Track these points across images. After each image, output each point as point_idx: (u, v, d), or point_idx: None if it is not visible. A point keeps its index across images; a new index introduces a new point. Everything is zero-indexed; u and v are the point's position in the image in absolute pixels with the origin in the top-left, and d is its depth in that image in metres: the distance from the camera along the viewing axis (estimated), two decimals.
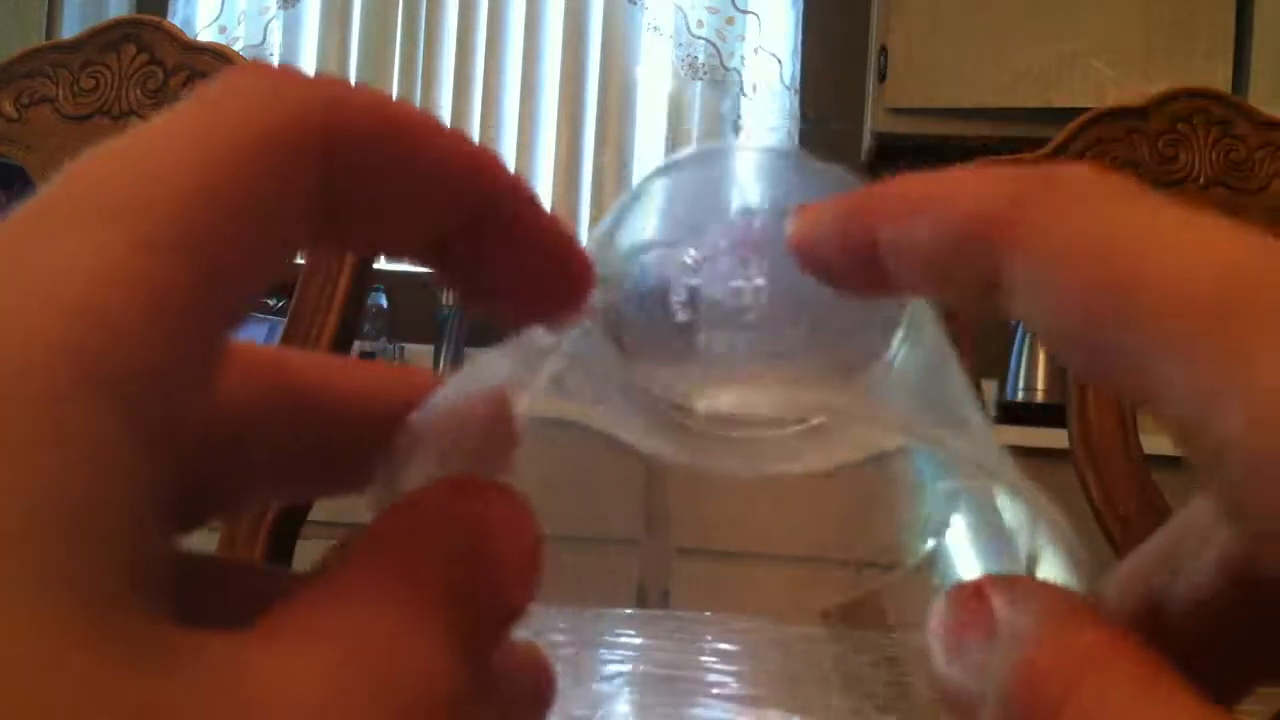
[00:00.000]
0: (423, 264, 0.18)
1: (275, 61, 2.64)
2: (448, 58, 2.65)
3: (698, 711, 0.24)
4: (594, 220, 2.60)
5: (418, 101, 2.64)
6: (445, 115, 2.63)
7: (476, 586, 0.15)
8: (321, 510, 0.98)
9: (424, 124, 0.16)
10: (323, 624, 0.13)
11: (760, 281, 0.20)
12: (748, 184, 0.22)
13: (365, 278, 0.94)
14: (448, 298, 2.50)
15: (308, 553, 1.36)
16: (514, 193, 0.18)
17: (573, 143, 2.61)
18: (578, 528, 0.24)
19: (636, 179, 2.61)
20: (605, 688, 0.49)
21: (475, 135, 2.12)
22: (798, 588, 0.23)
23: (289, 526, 0.90)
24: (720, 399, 0.19)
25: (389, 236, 0.17)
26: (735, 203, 0.22)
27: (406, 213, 0.17)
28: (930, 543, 0.21)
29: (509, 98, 2.64)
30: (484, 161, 0.17)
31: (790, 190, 0.21)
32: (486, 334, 2.60)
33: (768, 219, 0.20)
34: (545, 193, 2.62)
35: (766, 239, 0.20)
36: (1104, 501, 0.93)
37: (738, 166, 0.22)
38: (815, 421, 0.20)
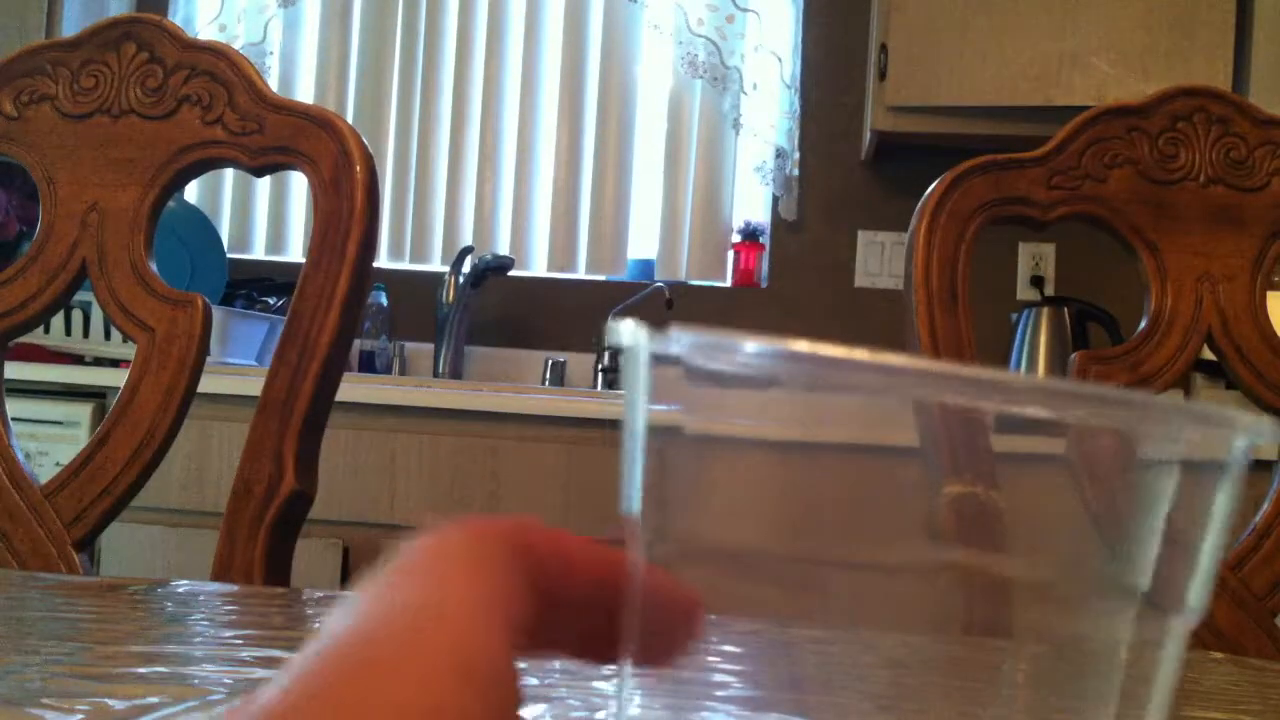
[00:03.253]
0: (578, 655, 0.23)
1: (275, 59, 2.64)
2: (448, 57, 2.64)
3: (702, 714, 0.24)
4: (594, 219, 2.60)
5: (417, 101, 2.64)
6: (445, 115, 2.63)
7: None
8: (322, 509, 0.98)
9: (569, 542, 0.22)
10: None
11: None
12: None
13: (365, 277, 0.94)
14: (447, 296, 2.50)
15: (308, 551, 1.36)
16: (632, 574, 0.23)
17: (573, 142, 2.61)
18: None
19: (636, 179, 2.62)
20: (607, 688, 0.49)
21: (475, 135, 2.09)
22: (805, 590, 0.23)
23: (290, 525, 0.90)
24: None
25: (558, 631, 0.22)
26: None
27: (570, 611, 0.22)
28: None
29: (509, 97, 2.64)
30: (610, 558, 0.23)
31: None
32: (486, 333, 2.60)
33: None
34: (545, 192, 2.62)
35: None
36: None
37: None
38: None
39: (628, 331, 0.23)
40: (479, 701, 0.17)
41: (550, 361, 2.55)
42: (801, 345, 0.21)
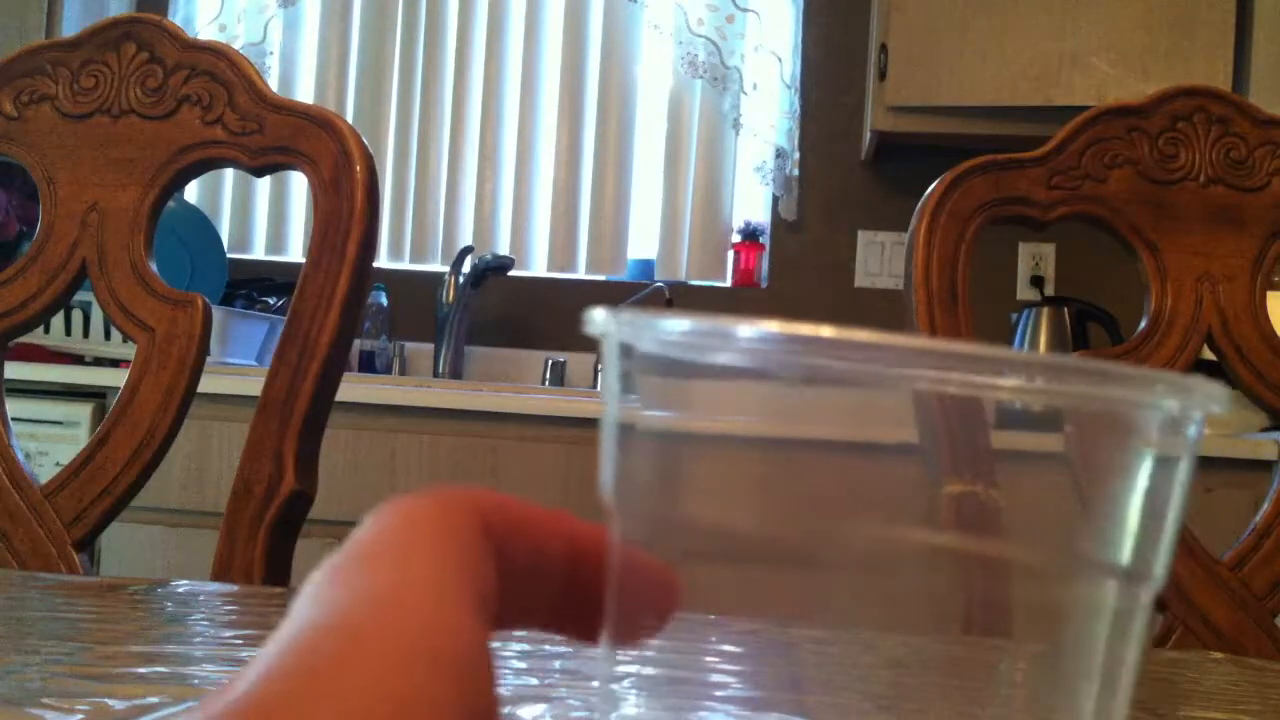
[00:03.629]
0: (545, 626, 0.23)
1: (275, 59, 2.64)
2: (448, 57, 2.64)
3: (701, 714, 0.24)
4: (594, 219, 2.60)
5: (417, 101, 2.65)
6: (445, 115, 2.63)
7: None
8: (322, 508, 0.98)
9: (535, 512, 0.22)
10: None
11: None
12: None
13: (365, 277, 0.94)
14: (447, 295, 2.50)
15: (309, 551, 1.36)
16: (599, 543, 0.23)
17: (573, 142, 2.61)
18: None
19: (636, 179, 2.62)
20: (606, 689, 0.49)
21: (475, 135, 2.09)
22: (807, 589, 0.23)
23: (290, 525, 0.90)
24: None
25: (525, 602, 0.22)
26: None
27: (534, 579, 0.22)
28: None
29: (509, 97, 2.64)
30: (576, 528, 0.23)
31: None
32: (486, 333, 2.60)
33: None
34: (545, 192, 2.62)
35: None
36: None
37: None
38: None
39: (599, 319, 0.23)
40: (451, 685, 0.17)
41: (550, 361, 2.55)
42: (769, 328, 0.20)
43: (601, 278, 2.60)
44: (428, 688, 0.17)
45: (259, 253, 2.66)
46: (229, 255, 2.42)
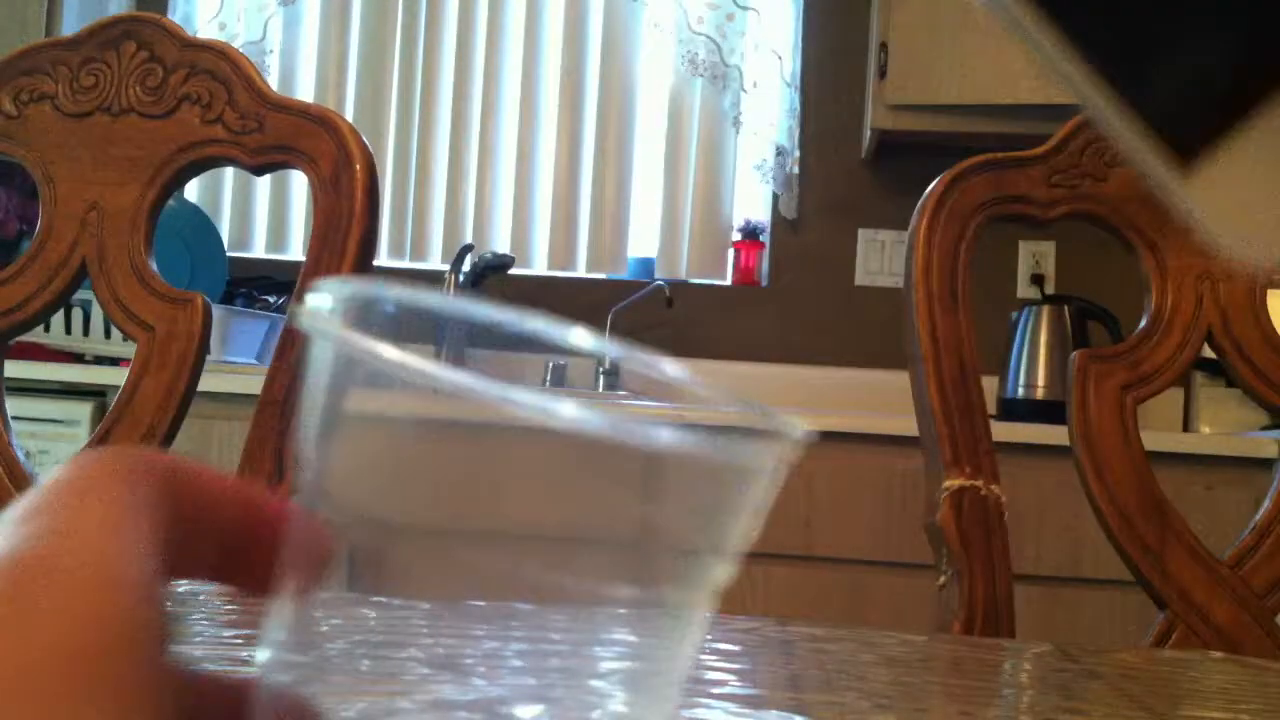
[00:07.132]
0: (214, 576, 0.25)
1: (275, 58, 2.64)
2: (448, 56, 2.64)
3: (698, 712, 0.24)
4: (594, 218, 2.60)
5: (417, 100, 2.64)
6: (445, 114, 2.63)
7: None
8: None
9: (212, 473, 0.24)
10: None
11: None
12: None
13: (365, 275, 0.94)
14: (448, 294, 2.50)
15: None
16: (276, 507, 0.24)
17: (573, 140, 2.61)
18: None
19: (637, 177, 2.61)
20: (603, 686, 0.49)
21: (475, 134, 2.08)
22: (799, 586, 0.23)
23: None
24: None
25: (196, 551, 0.23)
26: None
27: (205, 530, 0.24)
28: None
29: (509, 96, 2.63)
30: (254, 492, 0.24)
31: None
32: (488, 335, 2.59)
33: None
34: (545, 190, 2.62)
35: None
36: (1104, 496, 0.93)
37: None
38: None
39: (318, 298, 0.23)
40: (127, 604, 0.19)
41: (551, 364, 2.55)
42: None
43: (602, 276, 2.60)
44: (108, 606, 0.19)
45: (259, 251, 2.66)
46: (229, 254, 2.42)
